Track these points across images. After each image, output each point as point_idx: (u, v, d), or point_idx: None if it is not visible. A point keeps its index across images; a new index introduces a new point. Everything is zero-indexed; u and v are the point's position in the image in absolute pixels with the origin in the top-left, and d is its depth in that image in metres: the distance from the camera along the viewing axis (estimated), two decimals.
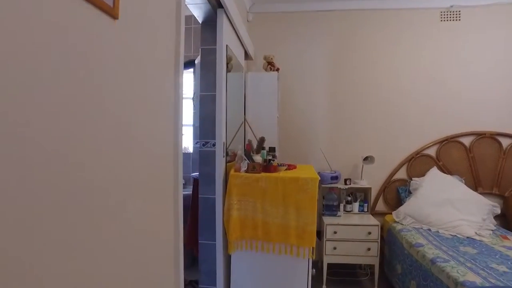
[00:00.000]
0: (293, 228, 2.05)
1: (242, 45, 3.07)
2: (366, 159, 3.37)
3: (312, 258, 2.11)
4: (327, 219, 3.10)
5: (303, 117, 3.64)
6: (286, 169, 2.34)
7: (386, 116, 3.57)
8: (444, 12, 3.52)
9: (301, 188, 2.04)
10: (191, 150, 3.56)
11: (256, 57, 3.56)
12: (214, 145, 2.25)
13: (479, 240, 2.70)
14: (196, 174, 2.57)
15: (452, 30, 3.51)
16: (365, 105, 3.58)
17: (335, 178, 3.36)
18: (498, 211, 3.18)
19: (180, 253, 1.45)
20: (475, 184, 3.47)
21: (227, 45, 2.32)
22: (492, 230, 2.95)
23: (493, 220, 3.09)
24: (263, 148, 2.55)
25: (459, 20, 3.51)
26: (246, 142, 2.45)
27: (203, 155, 2.30)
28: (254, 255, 2.18)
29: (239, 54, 2.98)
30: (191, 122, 3.51)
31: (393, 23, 3.55)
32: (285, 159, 3.31)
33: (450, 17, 3.51)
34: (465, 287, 1.85)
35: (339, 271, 3.29)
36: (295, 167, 2.49)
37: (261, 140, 2.33)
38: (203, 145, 2.32)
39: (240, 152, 2.25)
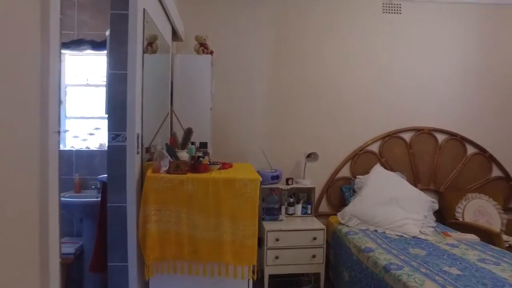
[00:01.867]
0: (228, 243, 1.63)
1: (170, 21, 2.57)
2: (309, 156, 3.09)
3: (252, 278, 1.71)
4: (268, 225, 2.74)
5: (241, 110, 3.24)
6: (219, 169, 1.90)
7: (329, 111, 3.34)
8: (386, 4, 3.40)
9: (238, 191, 1.62)
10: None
11: (188, 38, 3.07)
12: (127, 138, 1.72)
13: (424, 239, 2.58)
14: (104, 176, 2.01)
15: (394, 23, 3.41)
16: (308, 99, 3.31)
17: (276, 177, 3.02)
18: (437, 207, 3.14)
19: None
20: (414, 180, 3.41)
21: (145, 10, 1.81)
22: (433, 227, 2.88)
23: (433, 217, 3.04)
24: (193, 143, 2.09)
25: (400, 13, 3.42)
26: (170, 135, 1.95)
27: (113, 151, 1.76)
28: (179, 280, 1.71)
29: (165, 31, 2.47)
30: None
31: (336, 12, 3.33)
32: (219, 157, 2.88)
33: (391, 10, 3.41)
34: None
35: (280, 280, 2.96)
36: (230, 166, 2.07)
37: (188, 132, 1.87)
38: (113, 138, 1.77)
39: (161, 147, 1.75)
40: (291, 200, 3.06)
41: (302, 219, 2.96)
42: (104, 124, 2.92)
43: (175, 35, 2.80)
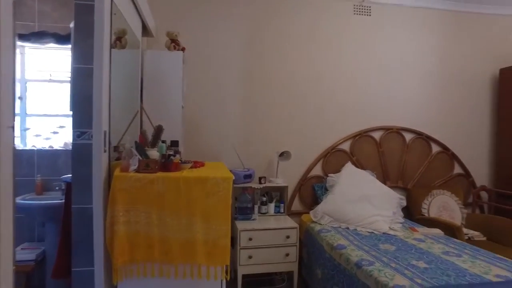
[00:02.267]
0: (201, 244, 1.58)
1: (140, 15, 2.48)
2: (281, 155, 3.09)
3: (226, 279, 1.68)
4: (240, 224, 2.72)
5: (213, 109, 3.19)
6: (191, 167, 1.86)
7: (301, 110, 3.36)
8: (357, 5, 3.47)
9: (210, 190, 1.58)
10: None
11: (159, 34, 2.98)
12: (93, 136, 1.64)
13: (394, 235, 2.66)
14: (69, 176, 1.90)
15: (364, 25, 3.49)
16: (281, 98, 3.31)
17: (249, 176, 3.00)
18: (405, 203, 3.24)
19: None
20: (384, 178, 3.51)
21: (112, 1, 1.73)
22: (401, 223, 2.97)
23: (401, 213, 3.13)
24: (164, 142, 2.03)
25: (370, 15, 3.51)
26: (139, 133, 1.88)
27: (78, 150, 1.66)
28: (149, 283, 1.64)
29: (135, 26, 2.38)
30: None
31: (309, 12, 3.36)
32: (191, 156, 2.81)
33: (362, 11, 3.48)
34: None
35: (254, 280, 2.94)
36: (202, 165, 2.02)
37: (158, 130, 1.80)
38: (78, 136, 1.68)
39: (129, 145, 1.68)
40: (264, 199, 3.05)
41: (275, 218, 2.96)
42: (69, 122, 2.78)
43: (145, 30, 2.71)
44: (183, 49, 2.74)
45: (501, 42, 3.85)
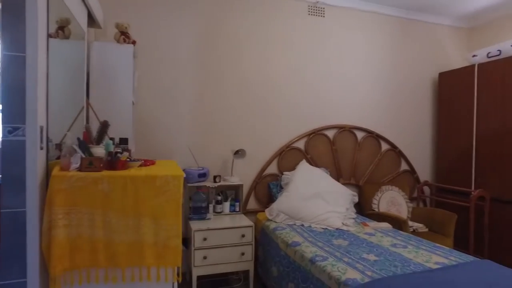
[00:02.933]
0: (150, 245, 1.50)
1: (85, 3, 2.30)
2: (236, 153, 3.06)
3: (177, 281, 1.61)
4: (195, 224, 2.64)
5: (166, 106, 3.07)
6: (140, 166, 1.75)
7: (256, 108, 3.34)
8: (311, 6, 3.54)
9: (160, 189, 1.50)
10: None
11: (107, 26, 2.80)
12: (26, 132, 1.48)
13: (346, 231, 2.73)
14: None
15: (318, 25, 3.56)
16: (236, 96, 3.27)
17: (203, 175, 2.93)
18: (357, 199, 3.36)
19: None
20: (337, 175, 3.61)
21: None
22: (354, 219, 3.06)
23: (354, 209, 3.23)
24: (112, 139, 1.90)
25: (324, 16, 3.59)
26: (83, 129, 1.74)
27: (9, 147, 1.49)
28: None
29: (79, 15, 2.21)
30: None
31: (265, 10, 3.36)
32: (143, 154, 2.70)
33: (316, 12, 3.56)
34: (348, 286, 1.70)
35: (209, 280, 2.88)
36: (153, 163, 1.92)
37: (104, 126, 1.68)
38: (9, 132, 1.51)
39: (71, 141, 1.54)
40: (219, 198, 3.00)
41: (231, 217, 2.91)
42: None
43: (92, 20, 2.53)
44: (133, 42, 2.60)
45: (440, 48, 4.15)
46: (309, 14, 3.52)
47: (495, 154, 3.32)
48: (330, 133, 3.62)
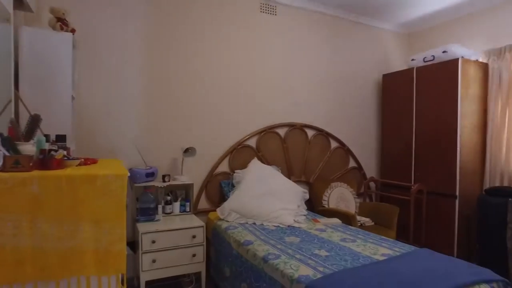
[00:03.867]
0: (90, 252, 1.35)
1: None
2: (186, 151, 2.95)
3: None
4: (142, 226, 2.49)
5: (111, 101, 2.86)
6: (79, 165, 1.59)
7: (207, 105, 3.25)
8: (263, 3, 3.52)
9: (101, 190, 1.36)
10: None
11: (40, 10, 2.53)
12: None
13: (298, 227, 2.76)
14: None
15: (270, 23, 3.56)
16: (185, 93, 3.14)
17: (151, 175, 2.78)
18: (308, 196, 3.42)
19: None
20: (288, 173, 3.64)
21: None
22: (305, 215, 3.11)
23: (305, 206, 3.28)
24: (46, 135, 1.70)
25: (275, 14, 3.60)
26: (8, 124, 1.53)
27: None
28: None
29: None
30: None
31: (217, 6, 3.27)
32: (85, 153, 2.48)
33: (268, 10, 3.55)
34: (301, 283, 1.69)
35: (159, 285, 2.74)
36: (95, 162, 1.76)
37: (34, 120, 1.50)
38: None
39: None
40: (169, 198, 2.87)
41: (181, 218, 2.80)
42: None
43: (20, 2, 2.26)
44: (72, 31, 2.37)
45: (384, 51, 4.39)
46: (261, 11, 3.51)
47: (431, 151, 3.58)
48: (281, 131, 3.64)
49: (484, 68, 3.55)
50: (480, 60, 3.61)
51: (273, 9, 3.57)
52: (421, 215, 3.53)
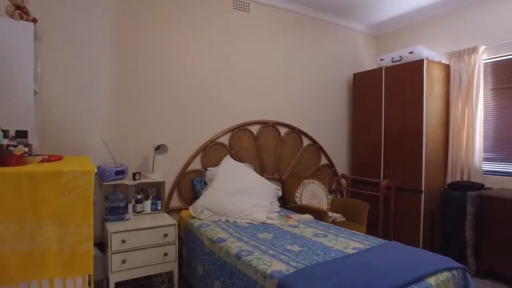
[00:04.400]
0: (53, 253, 1.29)
1: None
2: (158, 148, 2.88)
3: None
4: (112, 226, 2.40)
5: (78, 96, 2.72)
6: (41, 161, 1.51)
7: (178, 102, 3.18)
8: (236, 0, 3.50)
9: (66, 187, 1.29)
10: None
11: None
12: None
13: (271, 224, 2.77)
14: None
15: (242, 20, 3.55)
16: (157, 90, 3.06)
17: (121, 172, 2.69)
18: (280, 193, 3.45)
19: None
20: (261, 170, 3.65)
21: None
22: (278, 212, 3.13)
23: (278, 202, 3.31)
24: (4, 131, 1.60)
25: (248, 12, 3.59)
26: None
27: None
28: None
29: None
30: None
31: (188, 1, 3.21)
32: (50, 150, 2.36)
33: (241, 7, 3.53)
34: (274, 278, 1.70)
35: (130, 286, 2.66)
36: (59, 159, 1.68)
37: None
38: None
39: None
40: (139, 196, 2.79)
41: (152, 216, 2.73)
42: None
43: None
44: (34, 20, 2.24)
45: (354, 51, 4.51)
46: (234, 8, 3.49)
47: (399, 149, 3.71)
48: (254, 129, 3.64)
49: (446, 69, 3.73)
50: (443, 61, 3.78)
51: (246, 6, 3.56)
52: (390, 210, 3.65)
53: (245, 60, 3.56)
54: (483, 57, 3.52)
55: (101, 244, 2.61)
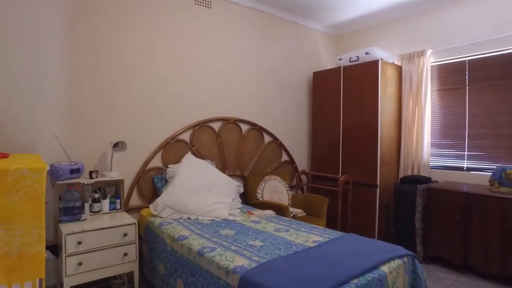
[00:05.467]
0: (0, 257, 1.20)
1: None
2: (116, 145, 2.77)
3: None
4: (66, 227, 2.28)
5: (26, 90, 2.52)
6: None
7: (138, 97, 3.08)
8: None
9: (13, 186, 1.21)
10: None
11: None
12: None
13: (233, 220, 2.79)
14: None
15: (204, 16, 3.51)
16: (113, 84, 2.94)
17: (77, 171, 2.55)
18: (242, 190, 3.46)
19: None
20: (223, 167, 3.65)
21: None
22: (239, 208, 3.15)
23: (239, 199, 3.32)
24: None
25: (210, 7, 3.55)
26: None
27: None
28: None
29: None
30: None
31: None
32: None
33: (202, 3, 3.49)
34: (237, 273, 1.71)
35: None
36: (5, 156, 1.56)
37: None
38: None
39: None
40: (97, 195, 2.67)
41: (111, 216, 2.63)
42: None
43: None
44: None
45: (314, 50, 4.63)
46: (195, 3, 3.43)
47: (356, 145, 3.88)
48: (216, 125, 3.63)
49: (399, 70, 3.95)
50: (396, 62, 4.00)
51: (208, 2, 3.52)
52: (348, 204, 3.81)
53: (206, 56, 3.53)
54: (430, 60, 3.78)
55: (54, 247, 2.47)
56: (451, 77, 3.70)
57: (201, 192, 2.97)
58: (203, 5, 3.49)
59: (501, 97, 3.33)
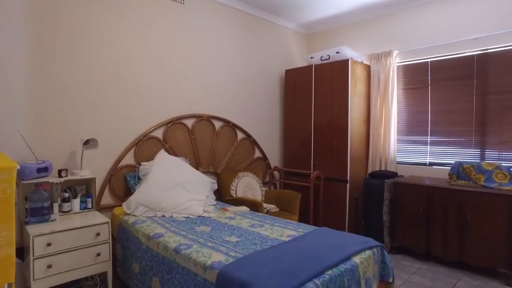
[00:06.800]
0: None
1: None
2: (87, 143, 2.69)
3: None
4: (34, 229, 2.19)
5: None
6: None
7: (110, 94, 3.00)
8: None
9: None
10: None
11: None
12: None
13: (208, 217, 2.80)
14: None
15: (177, 12, 3.46)
16: (84, 79, 2.83)
17: (44, 170, 2.45)
18: (216, 186, 3.47)
19: None
20: (196, 164, 3.64)
21: None
22: (214, 205, 3.17)
23: (213, 196, 3.33)
24: None
25: (183, 3, 3.51)
26: None
27: None
28: None
29: None
30: None
31: None
32: None
33: None
34: (214, 269, 1.74)
35: None
36: None
37: None
38: None
39: None
40: (67, 195, 2.58)
41: (82, 215, 2.55)
42: None
43: None
44: None
45: (287, 48, 4.70)
46: None
47: (327, 142, 4.00)
48: (189, 122, 3.60)
49: (367, 69, 4.11)
50: (364, 62, 4.16)
51: None
52: (319, 199, 3.92)
53: (178, 53, 3.49)
54: (396, 60, 3.97)
55: (19, 250, 2.37)
56: (416, 77, 3.90)
57: (175, 189, 2.95)
58: (176, 0, 3.44)
59: (457, 96, 3.58)
